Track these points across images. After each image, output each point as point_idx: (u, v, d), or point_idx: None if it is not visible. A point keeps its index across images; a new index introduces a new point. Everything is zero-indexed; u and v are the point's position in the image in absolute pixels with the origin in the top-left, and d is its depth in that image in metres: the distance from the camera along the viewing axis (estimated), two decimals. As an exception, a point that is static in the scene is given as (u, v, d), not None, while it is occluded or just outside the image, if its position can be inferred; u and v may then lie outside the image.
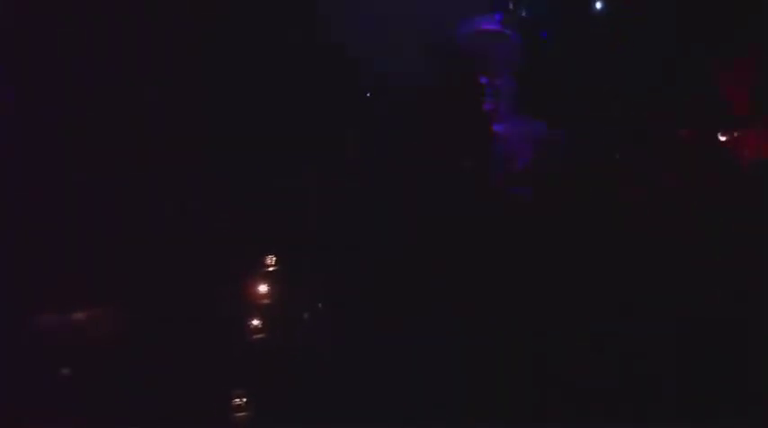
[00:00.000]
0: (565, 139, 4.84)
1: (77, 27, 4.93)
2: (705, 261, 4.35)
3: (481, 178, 5.09)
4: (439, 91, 5.18)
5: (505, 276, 4.75)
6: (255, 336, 4.81)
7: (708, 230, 4.38)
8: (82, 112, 4.90)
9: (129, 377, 4.53)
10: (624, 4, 4.88)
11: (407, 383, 4.43)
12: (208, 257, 4.82)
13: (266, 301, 4.89)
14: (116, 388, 4.51)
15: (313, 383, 4.58)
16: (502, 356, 4.45)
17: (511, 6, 5.10)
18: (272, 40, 5.22)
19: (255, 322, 4.82)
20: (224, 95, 5.08)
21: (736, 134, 4.46)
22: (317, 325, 4.84)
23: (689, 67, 4.67)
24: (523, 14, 4.89)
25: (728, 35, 4.52)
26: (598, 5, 4.99)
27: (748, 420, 3.69)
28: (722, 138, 4.43)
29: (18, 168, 4.77)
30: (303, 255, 4.99)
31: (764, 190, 4.24)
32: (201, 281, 4.77)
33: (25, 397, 4.41)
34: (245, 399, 4.61)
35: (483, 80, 5.04)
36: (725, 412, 3.75)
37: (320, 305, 4.87)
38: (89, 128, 4.93)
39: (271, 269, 4.96)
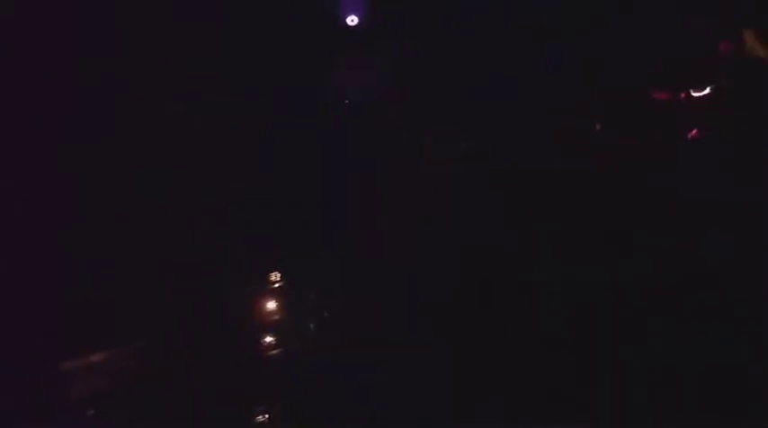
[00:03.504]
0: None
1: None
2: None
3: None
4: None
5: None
6: (271, 353, 4.89)
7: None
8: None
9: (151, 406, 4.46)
10: None
11: (418, 388, 4.68)
12: (215, 280, 4.82)
13: (276, 317, 4.97)
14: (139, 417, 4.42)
15: (328, 391, 4.72)
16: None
17: None
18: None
19: (269, 339, 4.90)
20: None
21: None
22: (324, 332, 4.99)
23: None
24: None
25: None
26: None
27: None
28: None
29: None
30: (305, 267, 5.09)
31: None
32: (212, 306, 4.77)
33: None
34: (267, 415, 4.71)
35: None
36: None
37: (326, 314, 5.03)
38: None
39: (276, 285, 5.03)
